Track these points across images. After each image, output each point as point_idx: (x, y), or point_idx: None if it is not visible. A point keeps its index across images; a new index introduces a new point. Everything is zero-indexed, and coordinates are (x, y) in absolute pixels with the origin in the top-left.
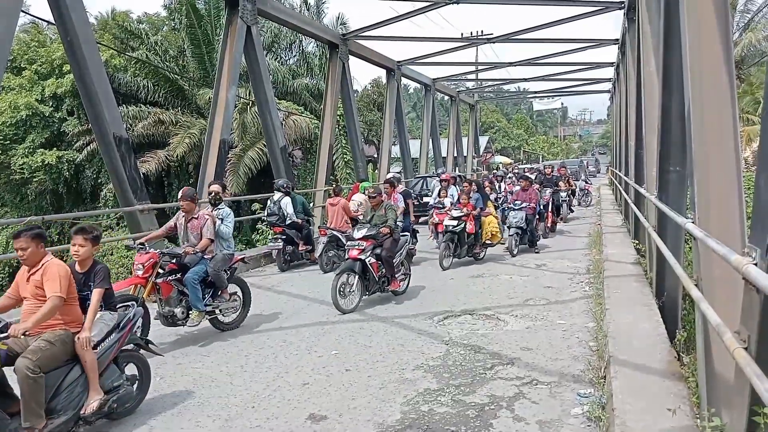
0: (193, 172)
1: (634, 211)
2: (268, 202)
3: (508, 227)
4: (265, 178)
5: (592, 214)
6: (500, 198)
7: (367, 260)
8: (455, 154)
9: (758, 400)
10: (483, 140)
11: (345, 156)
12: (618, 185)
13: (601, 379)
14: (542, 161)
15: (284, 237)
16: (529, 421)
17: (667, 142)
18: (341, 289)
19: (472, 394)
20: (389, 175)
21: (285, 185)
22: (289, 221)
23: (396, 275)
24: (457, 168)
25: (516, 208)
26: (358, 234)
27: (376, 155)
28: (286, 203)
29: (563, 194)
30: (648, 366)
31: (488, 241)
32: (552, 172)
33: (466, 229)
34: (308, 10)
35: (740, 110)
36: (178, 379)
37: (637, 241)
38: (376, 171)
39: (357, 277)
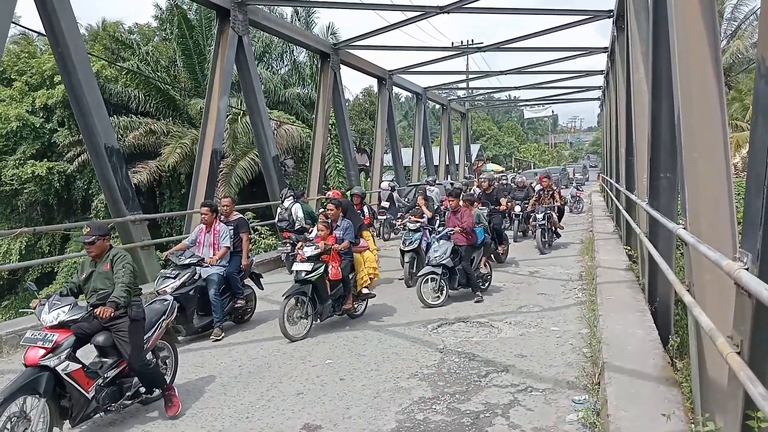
0: (184, 182)
1: (625, 217)
2: (278, 208)
3: (427, 264)
4: (257, 187)
5: (583, 220)
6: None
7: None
8: (447, 163)
9: (752, 404)
10: (474, 148)
11: (337, 165)
12: (609, 192)
13: (596, 385)
14: (534, 168)
15: (292, 241)
16: (524, 428)
17: (657, 149)
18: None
19: (467, 402)
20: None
21: (295, 191)
22: (298, 226)
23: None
24: (449, 176)
25: (439, 237)
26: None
27: (368, 164)
28: (297, 209)
29: (539, 214)
30: (642, 372)
31: (367, 289)
32: (523, 183)
33: (329, 275)
34: (299, 20)
35: (729, 117)
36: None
37: (629, 247)
38: (369, 179)
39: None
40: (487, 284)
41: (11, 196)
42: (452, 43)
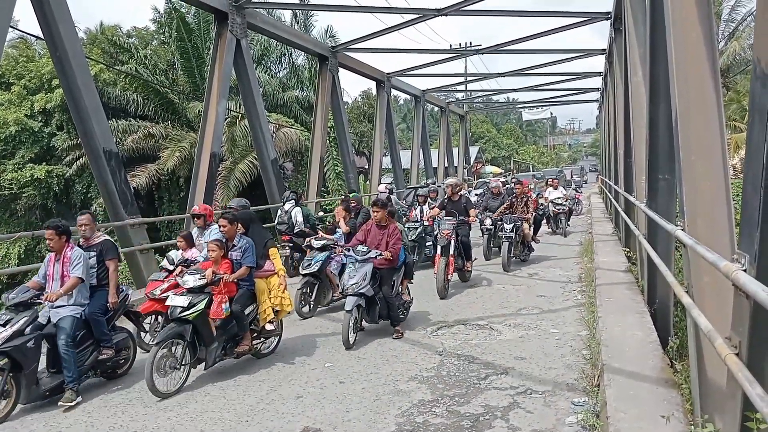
0: (183, 185)
1: (624, 219)
2: (279, 211)
3: (343, 291)
4: (256, 190)
5: (582, 222)
6: (413, 232)
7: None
8: (446, 165)
9: (750, 406)
10: (473, 150)
11: (336, 167)
12: (608, 193)
13: (595, 387)
14: (533, 170)
15: (291, 245)
16: (524, 430)
17: (655, 151)
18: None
19: (467, 405)
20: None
21: (295, 193)
22: (297, 230)
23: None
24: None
25: (360, 258)
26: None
27: (367, 166)
28: (297, 213)
29: (509, 226)
30: (641, 374)
31: (271, 324)
32: (498, 190)
33: (210, 312)
34: (297, 23)
35: (727, 118)
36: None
37: (628, 249)
38: (367, 182)
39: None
40: (405, 315)
41: (10, 200)
42: (450, 45)
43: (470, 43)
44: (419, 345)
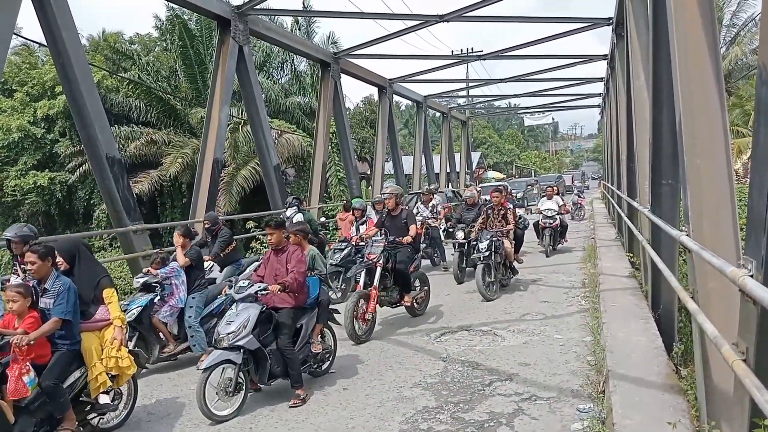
0: (186, 191)
1: (627, 224)
2: (281, 216)
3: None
4: (258, 196)
5: (585, 228)
6: (339, 254)
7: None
8: (448, 170)
9: (759, 412)
10: (475, 156)
11: (338, 173)
12: (610, 199)
13: (600, 393)
14: (535, 175)
15: None
16: None
17: (658, 156)
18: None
19: (471, 411)
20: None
21: (297, 199)
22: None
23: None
24: (450, 184)
25: (238, 297)
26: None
27: (369, 172)
28: (298, 218)
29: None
30: (647, 380)
31: (106, 396)
32: (474, 200)
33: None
34: (299, 29)
35: (730, 123)
36: (174, 400)
37: (631, 254)
38: (370, 187)
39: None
40: (326, 366)
41: (13, 207)
42: (452, 51)
43: (472, 48)
44: (423, 351)
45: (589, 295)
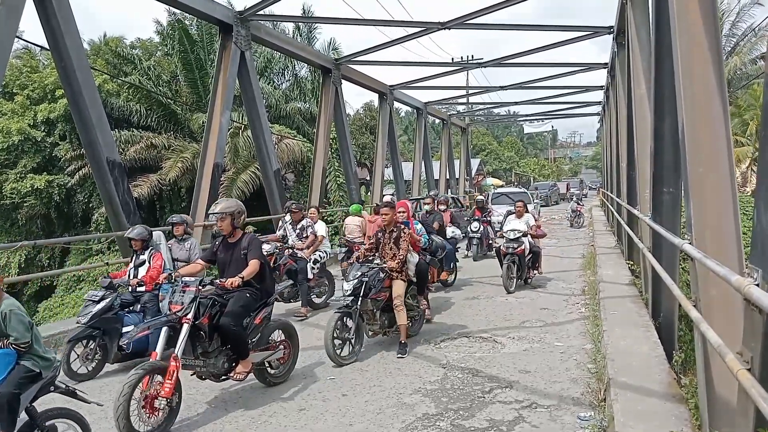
0: (185, 195)
1: (627, 232)
2: (280, 221)
3: None
4: (258, 201)
5: (584, 235)
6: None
7: None
8: (447, 177)
9: (764, 422)
10: (475, 163)
11: (338, 179)
12: (609, 206)
13: (601, 401)
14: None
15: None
16: None
17: (660, 164)
18: None
19: (471, 419)
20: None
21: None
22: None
23: None
24: (449, 190)
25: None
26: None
27: (368, 178)
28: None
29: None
30: (648, 388)
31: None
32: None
33: None
34: (301, 35)
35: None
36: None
37: (631, 262)
38: (369, 193)
39: None
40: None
41: (11, 210)
42: (453, 58)
43: (472, 56)
44: (423, 358)
45: (590, 303)
